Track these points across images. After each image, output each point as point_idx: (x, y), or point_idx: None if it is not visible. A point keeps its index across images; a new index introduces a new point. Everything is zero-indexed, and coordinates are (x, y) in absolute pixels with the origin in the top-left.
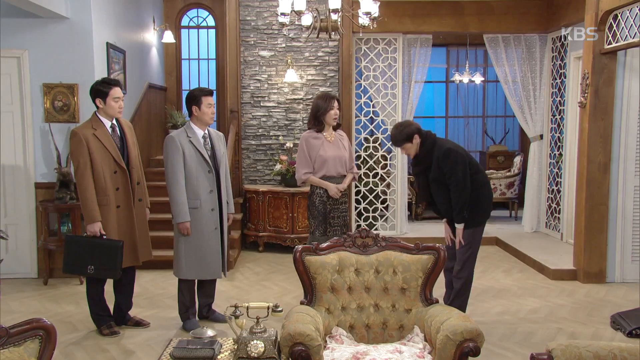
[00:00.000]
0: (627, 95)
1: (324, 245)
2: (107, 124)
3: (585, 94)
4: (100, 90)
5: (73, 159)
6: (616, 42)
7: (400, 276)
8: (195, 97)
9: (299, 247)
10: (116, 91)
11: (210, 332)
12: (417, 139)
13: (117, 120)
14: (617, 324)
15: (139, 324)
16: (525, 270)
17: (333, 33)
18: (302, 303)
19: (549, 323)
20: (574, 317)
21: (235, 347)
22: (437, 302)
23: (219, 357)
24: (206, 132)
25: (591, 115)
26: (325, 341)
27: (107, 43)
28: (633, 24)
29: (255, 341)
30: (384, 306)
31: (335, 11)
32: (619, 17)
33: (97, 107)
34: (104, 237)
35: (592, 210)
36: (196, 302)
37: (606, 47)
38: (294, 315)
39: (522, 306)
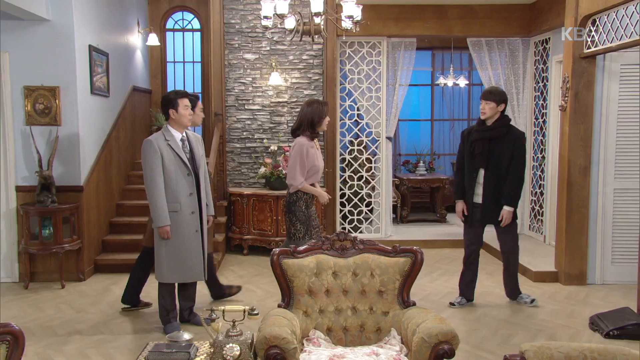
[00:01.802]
0: (607, 99)
1: (302, 248)
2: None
3: (566, 98)
4: (171, 101)
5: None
6: (595, 47)
7: (378, 279)
8: (170, 101)
9: (277, 250)
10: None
11: (186, 336)
12: (502, 107)
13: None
14: (595, 325)
15: (147, 305)
16: None
17: (316, 36)
18: (279, 306)
19: (530, 325)
20: (554, 318)
21: (212, 350)
22: (414, 304)
23: None
24: (184, 134)
25: (571, 119)
26: (303, 344)
27: (90, 45)
28: (611, 29)
29: (231, 344)
30: (361, 309)
31: (317, 14)
32: (597, 22)
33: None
34: None
35: (573, 212)
36: (177, 306)
37: (585, 51)
38: (270, 319)
39: (504, 308)
